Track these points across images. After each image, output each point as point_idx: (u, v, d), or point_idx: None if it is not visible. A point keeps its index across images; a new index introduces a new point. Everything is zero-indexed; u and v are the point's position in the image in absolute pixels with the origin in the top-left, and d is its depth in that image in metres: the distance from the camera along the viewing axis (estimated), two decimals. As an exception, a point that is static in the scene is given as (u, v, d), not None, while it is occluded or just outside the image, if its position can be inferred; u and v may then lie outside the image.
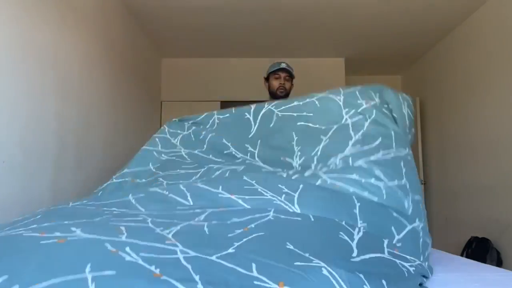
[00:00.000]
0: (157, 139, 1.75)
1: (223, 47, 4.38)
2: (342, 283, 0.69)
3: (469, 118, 3.57)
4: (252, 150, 1.52)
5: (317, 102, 1.51)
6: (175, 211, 1.06)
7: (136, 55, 3.74)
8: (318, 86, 4.90)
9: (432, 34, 4.00)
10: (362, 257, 0.84)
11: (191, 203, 1.12)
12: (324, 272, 0.71)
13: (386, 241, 0.98)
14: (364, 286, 0.73)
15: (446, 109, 4.02)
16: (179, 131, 1.75)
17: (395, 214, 1.09)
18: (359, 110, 1.37)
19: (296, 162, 1.37)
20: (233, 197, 1.10)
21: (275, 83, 2.37)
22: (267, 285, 0.64)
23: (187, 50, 4.49)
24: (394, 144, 1.24)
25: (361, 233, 0.94)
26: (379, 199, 1.09)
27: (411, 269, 0.93)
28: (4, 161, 1.80)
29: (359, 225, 1.00)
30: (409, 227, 1.09)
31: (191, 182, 1.32)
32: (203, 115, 1.78)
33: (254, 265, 0.68)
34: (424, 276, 1.02)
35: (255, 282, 0.64)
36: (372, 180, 1.12)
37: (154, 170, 1.59)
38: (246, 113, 1.65)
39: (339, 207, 1.04)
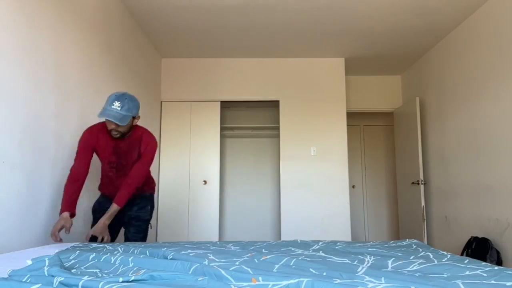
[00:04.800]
0: None
1: (223, 47, 4.38)
2: None
3: (469, 118, 3.57)
4: None
5: None
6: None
7: (136, 55, 3.74)
8: (318, 86, 4.91)
9: (432, 34, 4.00)
10: None
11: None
12: None
13: None
14: None
15: (446, 109, 4.02)
16: None
17: None
18: None
19: None
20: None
21: (108, 126, 2.08)
22: None
23: (187, 50, 4.49)
24: None
25: None
26: None
27: None
28: (4, 161, 1.80)
29: None
30: None
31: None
32: None
33: None
34: None
35: None
36: None
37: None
38: None
39: None
